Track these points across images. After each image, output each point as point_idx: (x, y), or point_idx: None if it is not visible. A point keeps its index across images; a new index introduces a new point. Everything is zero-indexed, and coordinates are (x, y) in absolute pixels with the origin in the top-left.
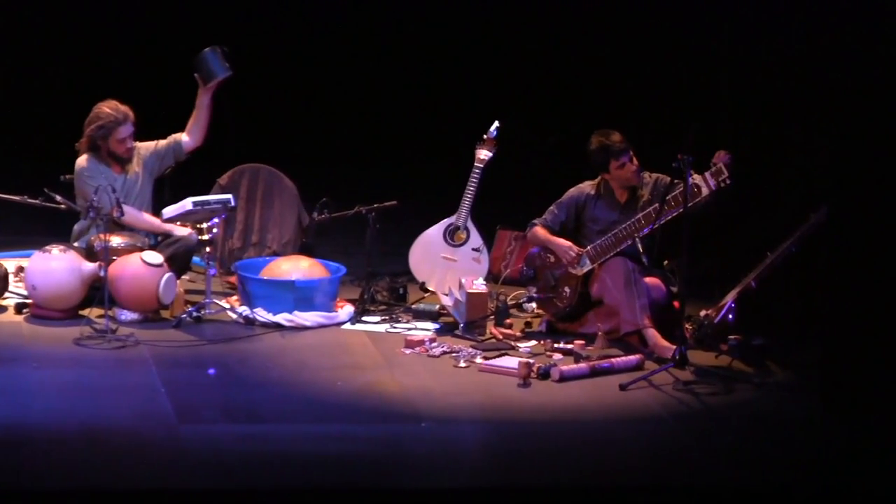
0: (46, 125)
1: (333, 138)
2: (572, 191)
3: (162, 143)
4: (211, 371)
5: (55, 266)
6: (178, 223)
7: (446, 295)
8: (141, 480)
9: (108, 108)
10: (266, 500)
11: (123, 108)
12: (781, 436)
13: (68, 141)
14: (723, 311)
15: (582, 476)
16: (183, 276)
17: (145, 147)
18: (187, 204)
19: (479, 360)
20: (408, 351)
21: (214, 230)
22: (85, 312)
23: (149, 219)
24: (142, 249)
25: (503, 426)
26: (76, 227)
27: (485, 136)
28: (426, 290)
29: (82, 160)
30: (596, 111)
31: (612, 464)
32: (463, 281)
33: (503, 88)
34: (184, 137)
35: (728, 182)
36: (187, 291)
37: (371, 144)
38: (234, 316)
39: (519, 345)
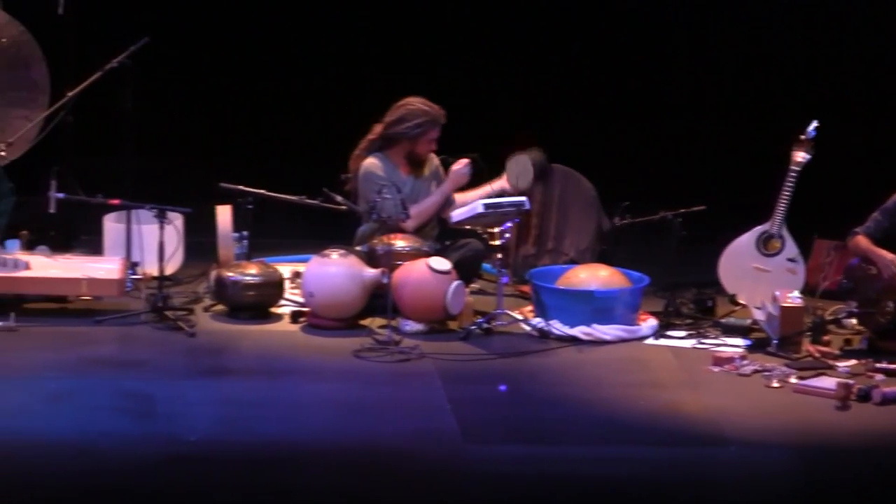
0: (324, 121)
1: (635, 137)
2: None
3: None
4: (502, 387)
5: (334, 272)
6: (468, 226)
7: (758, 308)
8: (421, 503)
9: (425, 105)
10: None
11: (437, 106)
12: None
13: (347, 138)
14: None
15: None
16: (472, 284)
17: None
18: (478, 207)
19: (793, 379)
20: (716, 369)
21: (506, 235)
22: (365, 322)
23: (432, 198)
24: (428, 255)
25: (817, 452)
26: (360, 230)
27: (802, 137)
28: (736, 303)
29: (373, 161)
30: None
31: None
32: (777, 294)
33: (821, 85)
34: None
35: None
36: (476, 301)
37: (677, 144)
38: (527, 328)
39: (837, 364)
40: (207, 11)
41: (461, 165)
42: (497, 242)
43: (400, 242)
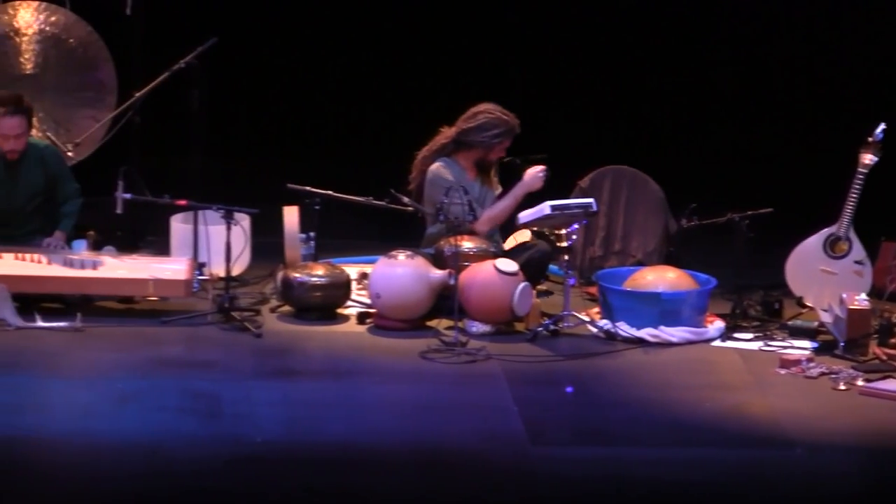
0: (391, 121)
1: (702, 138)
2: None
3: None
4: (568, 389)
5: (401, 273)
6: (534, 228)
7: (825, 311)
8: None
9: (504, 115)
10: None
11: (512, 114)
12: None
13: (414, 139)
14: None
15: None
16: (539, 286)
17: None
18: (545, 208)
19: (859, 382)
20: (782, 371)
21: (574, 237)
22: (432, 324)
23: (504, 202)
24: (495, 256)
25: (883, 454)
26: (428, 231)
27: (869, 139)
28: (803, 306)
29: (442, 166)
30: None
31: None
32: (843, 296)
33: (890, 87)
34: None
35: None
36: (543, 302)
37: (745, 146)
38: (594, 330)
39: None
40: (275, 12)
41: (538, 170)
42: (564, 244)
43: (467, 244)
